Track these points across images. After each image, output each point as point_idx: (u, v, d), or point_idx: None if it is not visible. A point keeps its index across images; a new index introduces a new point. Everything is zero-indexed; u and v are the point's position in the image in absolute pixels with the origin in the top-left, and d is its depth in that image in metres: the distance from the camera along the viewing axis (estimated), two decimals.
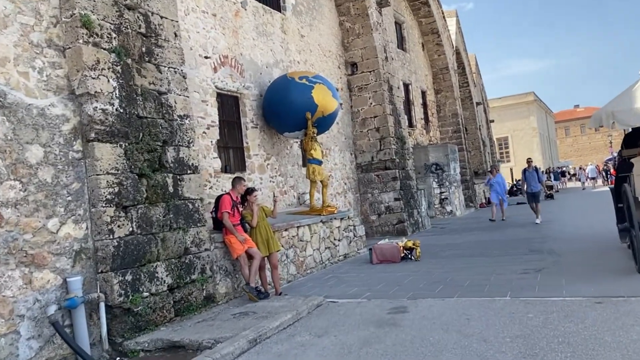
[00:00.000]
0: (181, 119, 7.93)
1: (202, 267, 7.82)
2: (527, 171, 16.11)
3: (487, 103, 45.22)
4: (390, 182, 16.63)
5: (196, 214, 7.90)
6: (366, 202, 16.97)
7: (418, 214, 17.69)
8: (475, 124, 32.69)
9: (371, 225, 16.86)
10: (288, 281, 9.94)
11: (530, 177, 15.98)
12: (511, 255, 10.72)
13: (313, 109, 11.69)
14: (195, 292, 7.61)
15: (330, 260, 11.60)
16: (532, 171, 16.00)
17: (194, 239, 7.76)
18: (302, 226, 10.67)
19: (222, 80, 11.26)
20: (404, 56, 22.75)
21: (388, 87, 17.13)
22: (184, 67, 8.17)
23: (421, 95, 24.48)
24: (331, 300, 8.03)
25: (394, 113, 17.33)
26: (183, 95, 8.05)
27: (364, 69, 16.97)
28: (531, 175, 16.00)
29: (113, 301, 6.39)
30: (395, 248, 11.24)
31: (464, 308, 6.83)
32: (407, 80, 22.81)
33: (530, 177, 15.98)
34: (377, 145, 16.84)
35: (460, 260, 10.70)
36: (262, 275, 8.68)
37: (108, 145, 6.66)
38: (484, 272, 9.19)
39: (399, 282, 9.06)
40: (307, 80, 11.80)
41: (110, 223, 6.50)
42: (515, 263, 9.71)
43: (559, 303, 6.62)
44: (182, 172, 7.77)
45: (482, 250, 11.78)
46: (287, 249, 10.08)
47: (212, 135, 10.78)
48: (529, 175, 15.95)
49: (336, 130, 16.00)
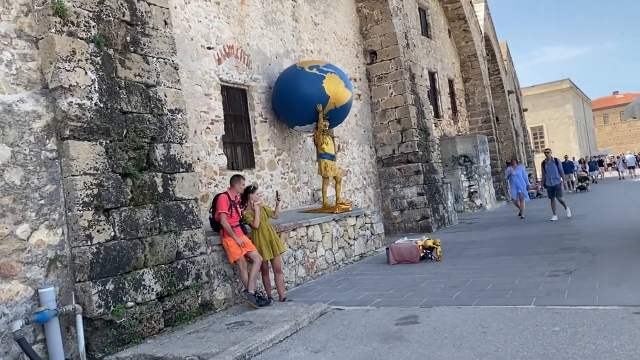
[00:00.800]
0: (172, 114, 7.35)
1: (197, 273, 7.24)
2: (546, 163, 14.83)
3: (520, 91, 43.71)
4: (413, 176, 15.82)
5: (190, 215, 7.33)
6: (388, 197, 16.21)
7: (444, 209, 16.85)
8: (507, 113, 31.44)
9: (393, 222, 16.11)
10: (297, 284, 9.32)
11: (549, 169, 14.69)
12: (540, 254, 9.85)
13: (324, 101, 11.00)
14: (188, 299, 7.04)
15: (344, 261, 10.92)
16: (551, 163, 14.71)
17: (187, 243, 7.19)
18: (312, 225, 10.02)
19: (227, 72, 10.66)
20: (429, 43, 21.81)
21: (410, 75, 16.30)
22: (175, 58, 7.59)
23: (448, 84, 23.50)
24: (337, 308, 7.36)
25: (417, 103, 16.48)
26: (174, 87, 7.47)
27: (383, 57, 16.17)
28: (550, 168, 14.70)
29: (91, 313, 5.86)
30: (413, 247, 10.50)
31: (482, 318, 6.07)
32: (433, 68, 21.88)
33: (549, 169, 14.69)
34: (398, 137, 16.04)
35: (484, 260, 9.89)
36: (265, 279, 8.07)
37: (86, 143, 6.12)
38: (508, 273, 8.39)
39: (415, 285, 8.33)
40: (317, 69, 11.11)
41: (88, 228, 5.96)
42: (544, 263, 8.87)
43: (590, 313, 5.80)
44: (173, 170, 7.19)
45: (509, 249, 10.93)
46: (295, 250, 9.45)
47: (217, 130, 10.21)
48: (548, 167, 14.68)
49: (354, 122, 15.28)
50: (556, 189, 14.67)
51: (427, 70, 21.25)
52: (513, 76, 39.47)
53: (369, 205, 15.48)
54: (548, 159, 14.87)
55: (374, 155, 16.30)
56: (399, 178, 16.05)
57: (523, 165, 17.60)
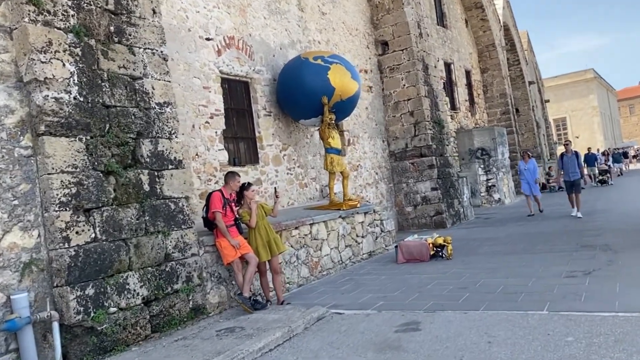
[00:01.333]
0: (161, 107, 6.97)
1: (188, 275, 6.87)
2: (565, 156, 13.86)
3: (542, 82, 42.61)
4: (427, 170, 15.27)
5: (180, 214, 6.94)
6: (401, 192, 15.68)
7: (459, 204, 16.27)
8: (528, 104, 30.58)
9: (406, 218, 15.59)
10: (299, 285, 8.90)
11: (568, 163, 13.72)
12: (558, 252, 9.28)
13: (330, 93, 10.54)
14: (178, 303, 6.67)
15: (351, 260, 10.47)
16: (571, 156, 13.73)
17: (177, 244, 6.81)
18: (317, 223, 9.58)
19: (228, 64, 10.26)
20: (445, 33, 21.16)
21: (423, 66, 15.72)
22: (164, 48, 7.19)
23: (465, 75, 22.82)
24: (336, 312, 6.92)
25: (430, 95, 15.90)
26: (163, 79, 7.08)
27: (395, 48, 15.62)
28: (570, 161, 13.73)
29: (69, 320, 5.51)
30: (423, 245, 10.00)
31: (488, 326, 5.58)
32: (449, 59, 21.23)
33: (568, 163, 13.72)
34: (411, 130, 15.50)
35: (498, 259, 9.35)
36: (263, 281, 7.67)
37: (63, 140, 5.76)
38: (522, 274, 7.86)
39: (421, 286, 7.86)
40: (322, 60, 10.65)
41: (66, 229, 5.61)
42: (562, 262, 8.31)
43: (609, 321, 5.27)
44: (161, 167, 6.81)
45: (525, 246, 10.36)
46: (297, 249, 9.03)
47: (217, 125, 9.82)
48: (567, 160, 13.72)
49: (365, 115, 14.78)
50: (575, 185, 13.62)
51: (443, 61, 20.63)
52: (534, 66, 38.45)
53: (381, 201, 14.99)
54: (567, 151, 13.87)
55: (387, 149, 15.78)
56: (412, 172, 15.51)
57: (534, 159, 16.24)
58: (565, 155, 13.85)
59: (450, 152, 16.59)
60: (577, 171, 13.60)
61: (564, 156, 13.87)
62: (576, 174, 13.60)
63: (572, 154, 13.71)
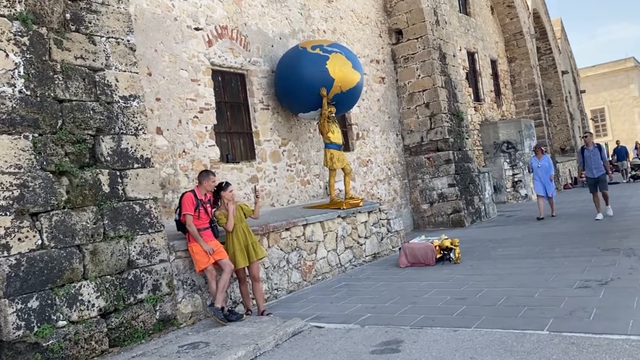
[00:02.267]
0: (125, 101, 6.41)
1: (155, 283, 6.31)
2: (586, 149, 12.31)
3: (577, 72, 40.80)
4: (443, 165, 14.43)
5: (147, 217, 6.38)
6: (416, 189, 14.88)
7: (480, 201, 15.36)
8: (561, 95, 29.20)
9: (422, 216, 14.79)
10: (289, 291, 8.27)
11: (590, 157, 12.21)
12: (576, 256, 8.42)
13: (328, 84, 9.84)
14: (142, 315, 6.12)
15: (352, 262, 9.78)
16: (592, 149, 12.18)
17: (142, 249, 6.26)
18: (311, 224, 8.93)
19: (220, 55, 9.67)
20: (468, 21, 20.15)
21: (439, 55, 14.84)
22: (131, 37, 6.63)
23: (490, 65, 21.72)
24: (316, 325, 6.27)
25: (448, 85, 15.02)
26: (129, 71, 6.52)
27: (409, 36, 14.78)
28: (592, 155, 12.05)
29: (8, 336, 5.01)
30: (428, 248, 9.24)
31: (477, 349, 4.84)
32: (472, 48, 20.21)
33: (590, 157, 12.21)
34: (427, 123, 14.66)
35: (510, 264, 8.54)
36: (243, 289, 7.07)
37: (5, 138, 5.25)
38: (531, 282, 7.07)
39: (418, 295, 7.13)
40: (321, 49, 9.95)
41: (5, 236, 5.10)
42: (577, 269, 7.47)
43: (617, 346, 4.48)
44: (125, 166, 6.26)
45: (542, 248, 9.50)
46: (287, 252, 8.39)
47: (207, 119, 9.25)
48: (589, 155, 12.19)
49: (376, 108, 14.01)
50: (600, 181, 12.06)
51: (466, 50, 19.64)
52: (569, 55, 36.79)
53: (394, 198, 14.23)
54: (588, 144, 12.31)
55: (401, 143, 14.98)
56: (428, 168, 14.68)
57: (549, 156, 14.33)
58: (586, 148, 12.33)
59: (471, 145, 15.68)
60: (601, 166, 12.06)
61: (584, 150, 12.35)
62: (600, 170, 12.08)
63: (593, 147, 12.17)
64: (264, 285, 7.82)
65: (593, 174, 12.21)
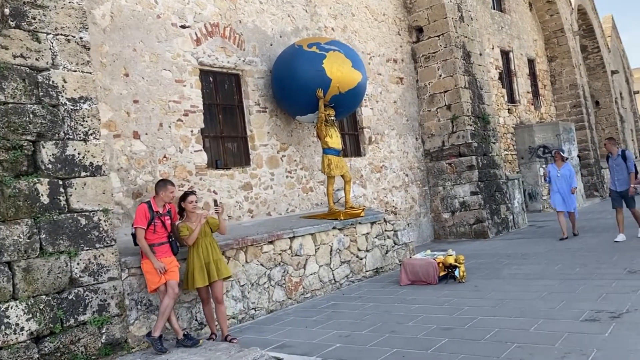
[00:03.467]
0: (74, 103, 5.88)
1: (102, 304, 5.75)
2: (610, 158, 10.37)
3: (631, 72, 38.47)
4: (466, 171, 13.43)
5: (95, 230, 5.83)
6: (437, 196, 13.92)
7: (507, 210, 14.26)
8: (610, 96, 27.38)
9: (443, 226, 13.83)
10: (270, 311, 7.58)
11: (614, 167, 10.22)
12: (597, 278, 7.41)
13: (325, 85, 9.10)
14: (84, 338, 5.56)
15: (349, 278, 9.01)
16: (616, 158, 10.22)
17: (87, 266, 5.71)
18: (300, 236, 8.21)
19: (210, 54, 9.09)
20: (502, 18, 18.97)
21: (463, 53, 13.85)
22: (85, 34, 6.09)
23: (527, 64, 20.42)
24: (275, 356, 5.55)
25: (472, 86, 14.00)
26: (81, 71, 5.99)
27: (430, 34, 13.86)
28: (615, 165, 10.21)
29: None
30: (430, 265, 8.37)
31: None
32: (507, 46, 19.02)
33: (614, 167, 10.22)
34: (448, 126, 13.70)
35: (518, 285, 7.58)
36: (207, 311, 6.43)
37: None
38: (533, 311, 6.16)
39: (402, 322, 6.33)
40: (318, 47, 9.23)
41: None
42: (592, 295, 6.51)
43: None
44: (69, 175, 5.72)
45: (562, 267, 8.48)
46: (269, 268, 7.71)
47: (193, 123, 8.69)
48: (612, 164, 10.42)
49: (392, 110, 13.16)
50: (624, 197, 10.18)
51: (499, 48, 18.47)
52: (621, 54, 34.68)
53: (412, 207, 13.34)
54: (611, 152, 10.42)
55: (421, 147, 14.07)
56: (450, 174, 13.71)
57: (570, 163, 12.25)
58: (610, 157, 10.54)
59: (498, 151, 14.59)
60: (626, 177, 10.15)
61: (609, 158, 10.57)
62: (624, 183, 10.16)
63: (617, 155, 10.32)
64: (238, 304, 7.17)
65: (615, 187, 10.32)
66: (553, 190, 11.44)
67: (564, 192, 11.27)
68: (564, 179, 11.30)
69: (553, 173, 11.44)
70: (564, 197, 11.28)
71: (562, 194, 11.28)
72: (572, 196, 11.32)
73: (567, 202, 11.31)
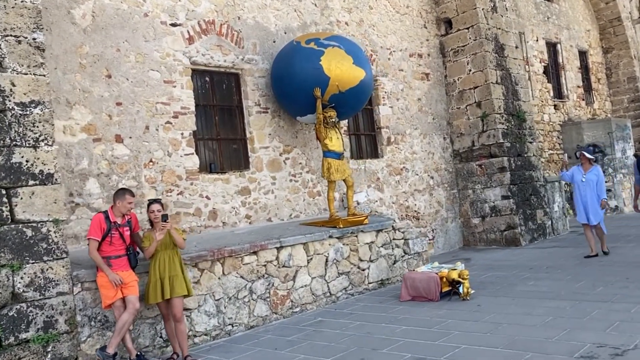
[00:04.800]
0: (24, 108, 5.58)
1: (48, 320, 5.42)
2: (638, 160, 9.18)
3: None
4: (497, 174, 12.46)
5: (43, 243, 5.51)
6: (466, 200, 13.02)
7: (545, 215, 13.16)
8: None
9: (473, 232, 12.92)
10: (250, 327, 7.09)
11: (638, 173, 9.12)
12: (617, 300, 6.51)
13: (323, 83, 8.50)
14: (27, 357, 5.25)
15: (348, 291, 8.39)
16: None
17: (32, 280, 5.39)
18: (289, 246, 7.67)
19: (204, 53, 8.68)
20: (549, 8, 17.66)
21: (495, 46, 12.86)
22: (38, 35, 5.78)
23: (578, 57, 18.95)
24: None
25: (505, 81, 12.98)
26: (33, 74, 5.68)
27: (459, 26, 12.94)
28: None
29: None
30: (431, 280, 7.64)
31: None
32: (554, 38, 17.70)
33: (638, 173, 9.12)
34: (478, 125, 12.76)
35: (525, 306, 6.74)
36: (168, 328, 6.02)
37: None
38: (526, 340, 5.39)
39: (377, 349, 5.69)
40: (315, 43, 8.64)
41: None
42: (603, 323, 5.66)
43: None
44: (15, 184, 5.42)
45: (584, 284, 7.55)
46: (251, 280, 7.21)
47: (183, 125, 8.31)
48: (637, 169, 9.07)
49: (416, 108, 12.37)
50: None
51: (545, 40, 17.20)
52: None
53: (438, 211, 12.51)
54: None
55: (449, 147, 13.18)
56: (479, 176, 12.78)
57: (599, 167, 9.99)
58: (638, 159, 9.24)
59: (535, 151, 13.49)
60: None
61: (638, 161, 9.14)
62: None
63: None
64: (212, 320, 6.72)
65: None
66: (577, 201, 9.69)
67: (588, 200, 9.49)
68: (589, 185, 9.49)
69: (577, 177, 9.66)
70: (586, 207, 9.51)
71: (583, 202, 9.56)
72: (597, 207, 9.47)
73: (589, 214, 9.48)
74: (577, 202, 9.71)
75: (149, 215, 5.91)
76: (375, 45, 11.54)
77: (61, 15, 7.25)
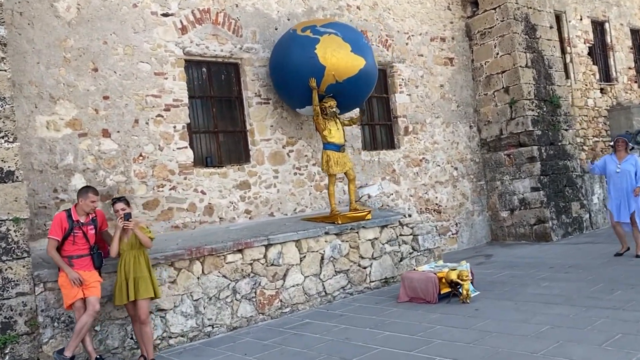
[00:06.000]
0: None
1: (7, 322, 5.31)
2: None
3: None
4: (525, 164, 11.65)
5: (2, 242, 5.40)
6: (494, 192, 12.25)
7: (582, 208, 12.23)
8: None
9: (501, 225, 12.16)
10: (232, 328, 6.80)
11: None
12: (630, 309, 5.85)
13: (318, 73, 8.05)
14: None
15: (346, 290, 7.97)
16: None
17: None
18: (279, 244, 7.32)
19: (199, 43, 8.41)
20: None
21: (525, 27, 11.97)
22: (0, 29, 5.64)
23: (630, 36, 17.53)
24: None
25: (537, 64, 12.08)
26: None
27: (486, 7, 12.12)
28: None
29: None
30: (429, 281, 7.12)
31: None
32: (601, 16, 16.41)
33: None
34: (506, 112, 11.95)
35: (527, 312, 6.13)
36: (136, 330, 5.80)
37: None
38: (512, 354, 4.83)
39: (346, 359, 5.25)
40: (311, 31, 8.17)
41: None
42: (600, 337, 5.04)
43: None
44: None
45: (600, 288, 6.84)
46: (235, 280, 6.91)
47: (175, 118, 8.08)
48: None
49: (438, 95, 11.70)
50: None
51: (590, 19, 15.98)
52: None
53: (463, 204, 11.84)
54: None
55: (476, 136, 12.44)
56: (508, 167, 11.98)
57: (636, 155, 8.85)
58: None
59: (571, 139, 12.54)
60: None
61: None
62: None
63: None
64: (189, 321, 6.48)
65: None
66: (611, 195, 8.64)
67: (623, 194, 8.40)
68: (624, 176, 8.37)
69: (611, 167, 8.58)
70: (618, 200, 8.47)
71: (615, 195, 8.52)
72: (633, 200, 8.33)
73: (622, 208, 8.43)
74: (613, 197, 8.62)
75: (117, 214, 5.69)
76: (391, 29, 10.95)
77: (44, 9, 7.11)
